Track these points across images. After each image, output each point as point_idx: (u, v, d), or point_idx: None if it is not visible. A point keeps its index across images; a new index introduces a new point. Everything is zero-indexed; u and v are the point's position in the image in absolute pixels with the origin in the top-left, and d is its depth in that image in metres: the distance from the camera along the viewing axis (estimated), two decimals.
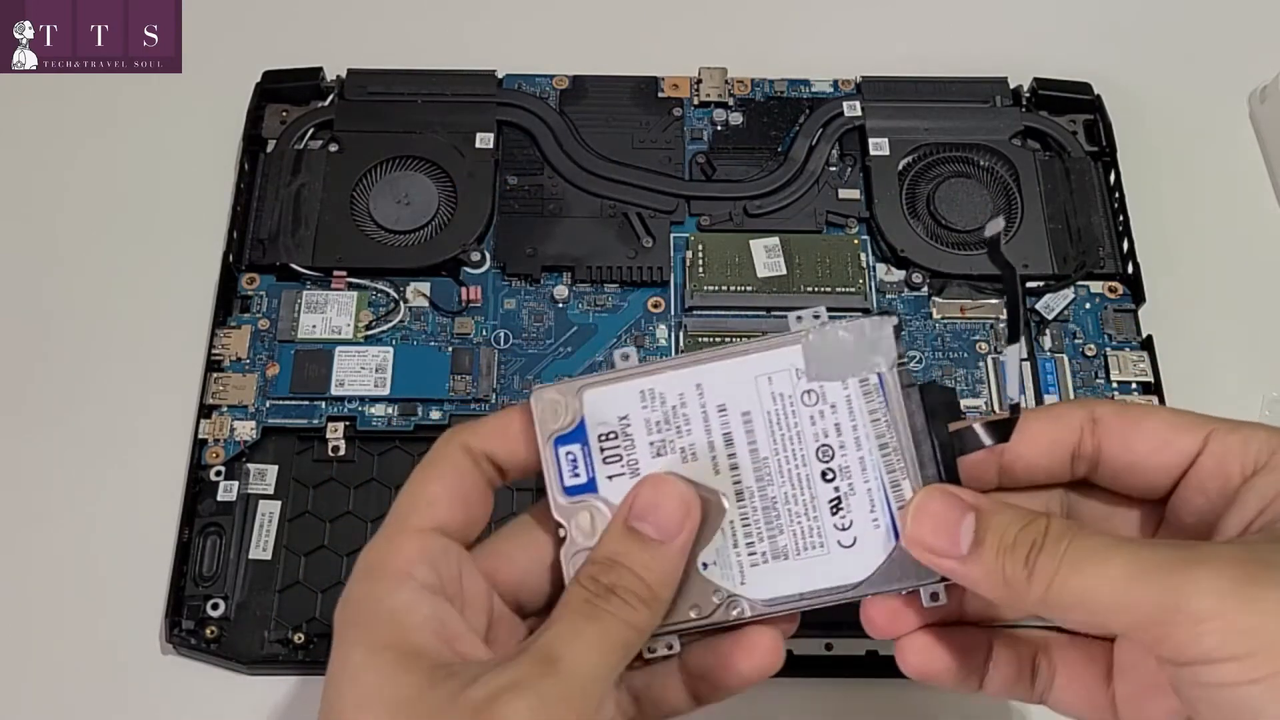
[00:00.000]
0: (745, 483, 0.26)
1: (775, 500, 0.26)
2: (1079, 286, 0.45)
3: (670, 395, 0.27)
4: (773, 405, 0.27)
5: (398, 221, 0.45)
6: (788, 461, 0.27)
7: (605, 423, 0.27)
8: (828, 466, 0.26)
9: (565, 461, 0.27)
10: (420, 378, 0.42)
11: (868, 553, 0.26)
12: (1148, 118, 0.50)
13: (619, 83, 0.49)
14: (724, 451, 0.27)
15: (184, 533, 0.39)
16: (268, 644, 0.38)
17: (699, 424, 0.27)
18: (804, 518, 0.26)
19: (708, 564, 0.26)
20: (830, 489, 0.26)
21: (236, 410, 0.41)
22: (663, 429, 0.27)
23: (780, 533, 0.26)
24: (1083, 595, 0.22)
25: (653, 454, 0.27)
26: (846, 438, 0.27)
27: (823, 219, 0.46)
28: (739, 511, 0.26)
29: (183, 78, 0.51)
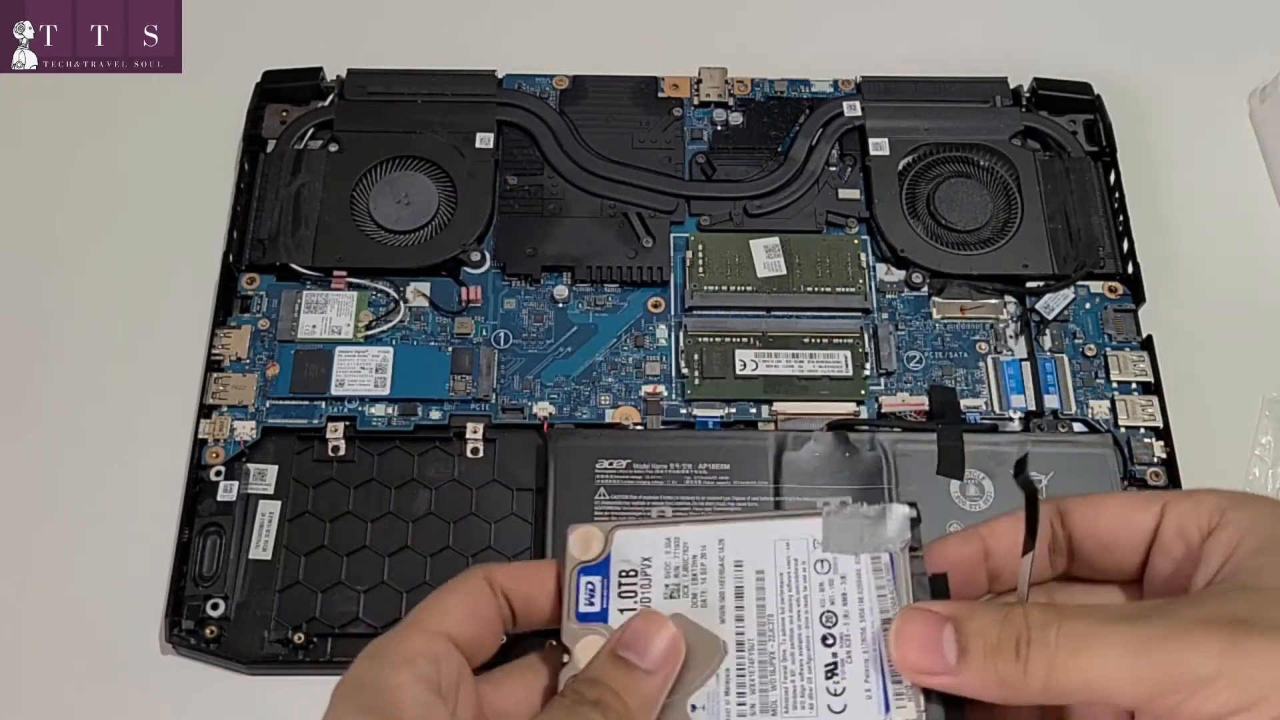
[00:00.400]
0: (748, 635, 0.27)
1: (773, 655, 0.27)
2: (1079, 286, 0.45)
3: (694, 545, 0.29)
4: (786, 568, 0.28)
5: (398, 221, 0.45)
6: (792, 621, 0.27)
7: (628, 560, 0.28)
8: (829, 632, 0.27)
9: (584, 590, 0.28)
10: (420, 378, 0.42)
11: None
12: (1148, 118, 0.50)
13: (619, 83, 0.49)
14: (733, 603, 0.28)
15: (184, 533, 0.39)
16: (268, 644, 0.38)
17: (714, 574, 0.28)
18: (798, 677, 0.27)
19: (697, 706, 0.27)
20: (828, 653, 0.27)
21: (236, 410, 0.41)
22: (680, 574, 0.28)
23: (773, 688, 0.27)
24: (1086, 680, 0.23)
25: (666, 594, 0.28)
26: (851, 608, 0.27)
27: (823, 219, 0.46)
28: (736, 660, 0.27)
29: (183, 78, 0.51)
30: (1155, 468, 0.41)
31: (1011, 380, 0.43)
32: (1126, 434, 0.42)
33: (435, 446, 0.41)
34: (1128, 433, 0.42)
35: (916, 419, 0.42)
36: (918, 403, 0.42)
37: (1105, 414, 0.42)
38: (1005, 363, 0.43)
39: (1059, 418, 0.42)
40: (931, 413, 0.42)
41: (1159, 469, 0.41)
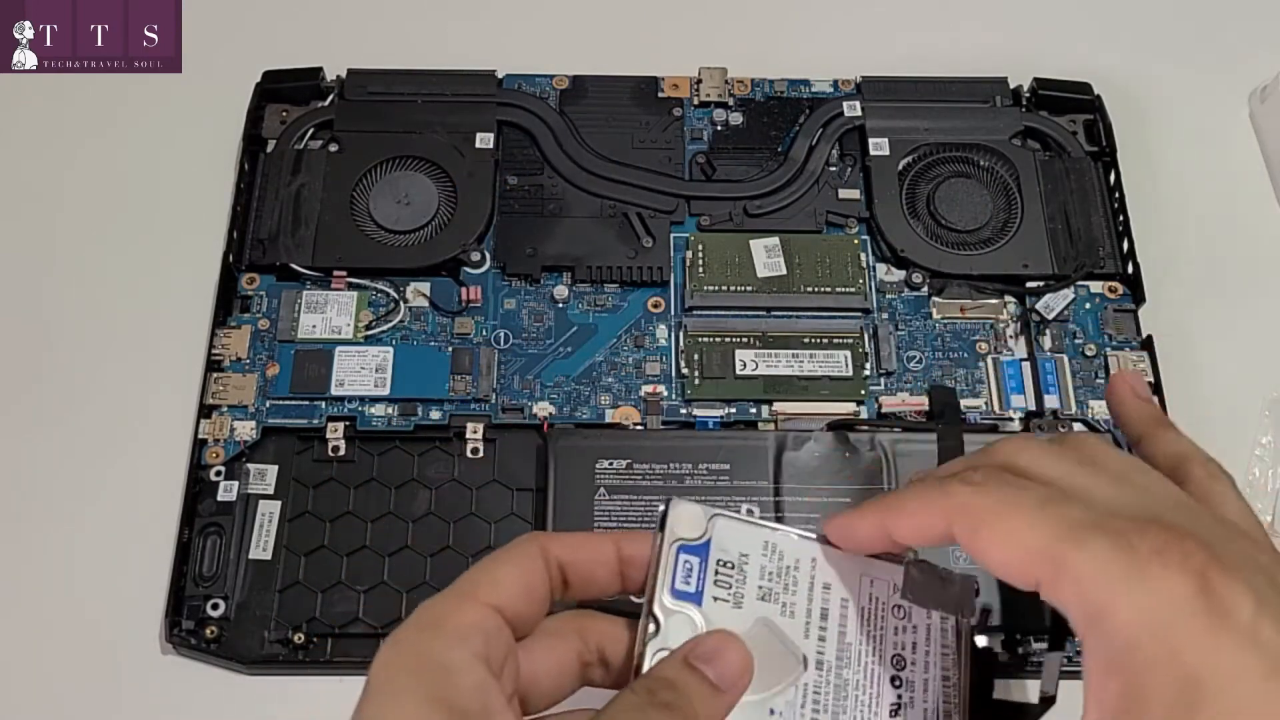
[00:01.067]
0: (827, 656, 0.28)
1: (847, 682, 0.28)
2: (1079, 286, 0.45)
3: (789, 555, 0.29)
4: (868, 603, 0.29)
5: (398, 221, 0.45)
6: (867, 654, 0.28)
7: (727, 551, 0.29)
8: (898, 674, 0.28)
9: (682, 568, 0.28)
10: (420, 378, 0.42)
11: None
12: (1148, 118, 0.50)
13: (619, 83, 0.49)
14: (818, 622, 0.28)
15: (184, 533, 0.39)
16: (268, 644, 0.38)
17: (804, 590, 0.29)
18: (867, 708, 0.28)
19: (775, 711, 0.27)
20: (895, 694, 0.28)
21: (236, 410, 0.41)
22: (773, 580, 0.29)
23: (844, 712, 0.28)
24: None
25: (758, 596, 0.28)
26: (919, 657, 0.29)
27: (823, 219, 0.46)
28: (815, 677, 0.28)
29: (183, 78, 0.51)
30: None
31: (1011, 380, 0.43)
32: None
33: (435, 446, 0.41)
34: None
35: (916, 419, 0.42)
36: (918, 403, 0.42)
37: (1105, 414, 0.42)
38: (1005, 363, 0.43)
39: (1059, 418, 0.42)
40: (931, 413, 0.42)
41: None
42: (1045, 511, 0.24)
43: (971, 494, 0.25)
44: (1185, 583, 0.22)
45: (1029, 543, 0.23)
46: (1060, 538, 0.23)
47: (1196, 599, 0.21)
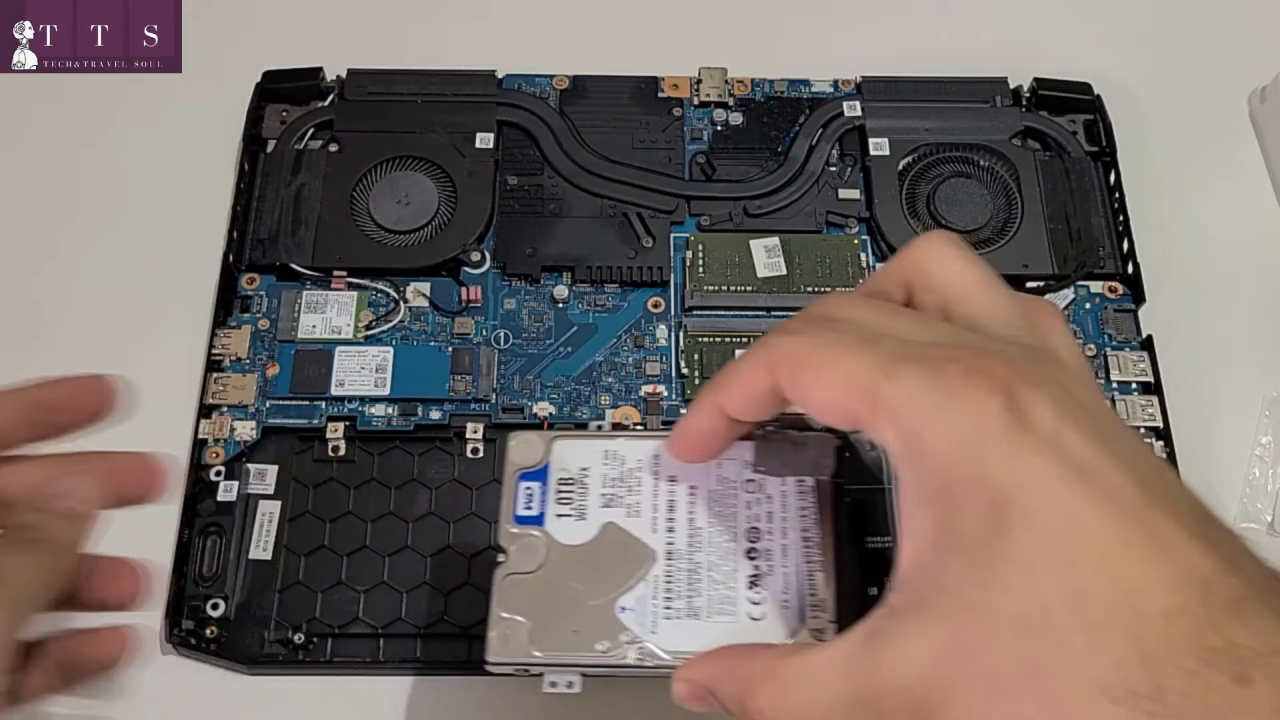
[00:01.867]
0: (677, 545, 0.29)
1: (700, 565, 0.29)
2: (1079, 286, 0.45)
3: (630, 459, 0.30)
4: (717, 485, 0.30)
5: (398, 221, 0.45)
6: (719, 535, 0.29)
7: (567, 469, 0.30)
8: (754, 546, 0.29)
9: (523, 494, 0.30)
10: (420, 378, 0.42)
11: (772, 629, 0.28)
12: (1148, 118, 0.50)
13: (619, 83, 0.49)
14: (665, 514, 0.29)
15: (184, 533, 0.39)
16: (268, 644, 0.38)
17: (649, 487, 0.30)
18: (722, 586, 0.29)
19: (626, 608, 0.28)
20: (751, 566, 0.29)
21: (236, 410, 0.41)
22: (616, 485, 0.30)
23: (698, 595, 0.28)
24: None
25: (602, 503, 0.30)
26: (775, 525, 0.29)
27: (823, 219, 0.46)
28: (665, 568, 0.29)
29: (183, 78, 0.51)
30: None
31: None
32: None
33: (435, 446, 0.41)
34: None
35: None
36: None
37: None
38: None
39: None
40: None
41: None
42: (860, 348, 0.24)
43: (790, 340, 0.25)
44: (991, 400, 0.22)
45: (845, 379, 0.24)
46: (874, 369, 0.23)
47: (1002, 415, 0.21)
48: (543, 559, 0.29)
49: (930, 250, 0.26)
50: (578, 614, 0.28)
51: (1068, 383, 0.23)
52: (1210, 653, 0.20)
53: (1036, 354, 0.24)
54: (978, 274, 0.26)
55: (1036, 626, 0.21)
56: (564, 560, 0.29)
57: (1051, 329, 0.26)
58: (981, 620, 0.21)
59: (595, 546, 0.29)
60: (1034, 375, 0.22)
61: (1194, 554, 0.21)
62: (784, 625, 0.28)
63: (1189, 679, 0.20)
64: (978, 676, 0.21)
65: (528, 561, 0.29)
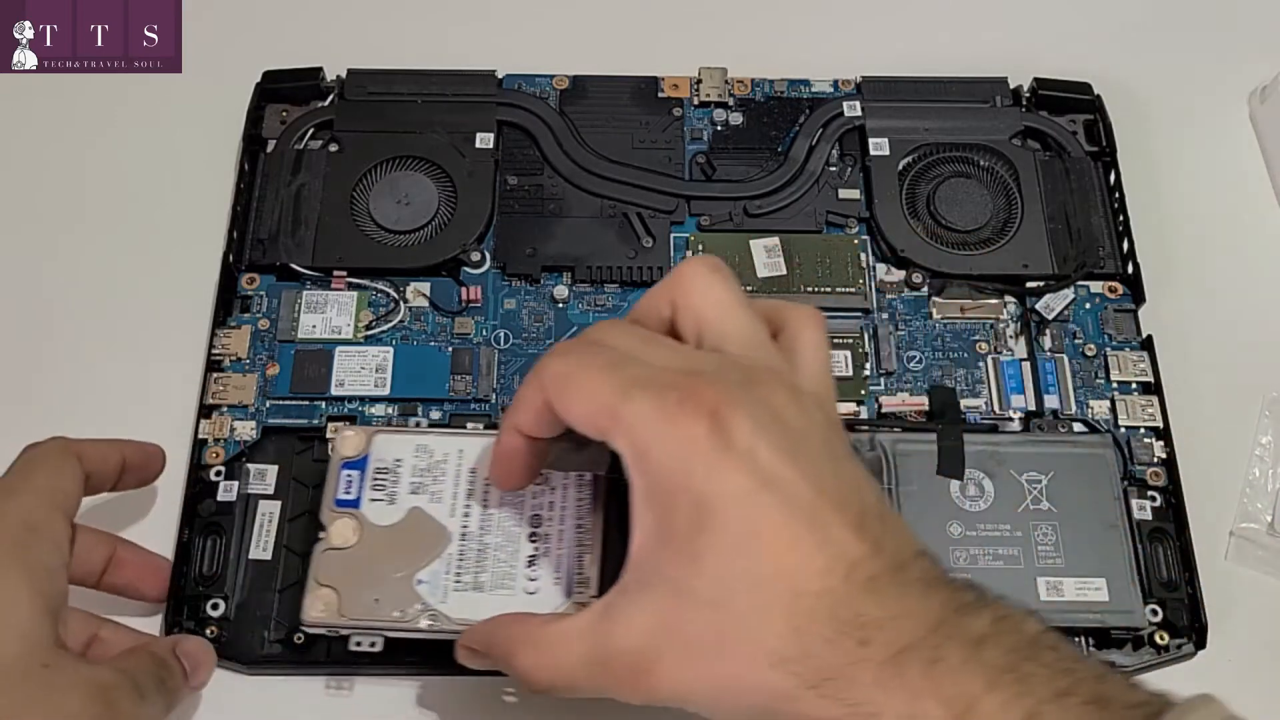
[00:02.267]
0: (471, 528, 0.34)
1: (488, 546, 0.34)
2: (1079, 286, 0.45)
3: (438, 452, 0.36)
4: None
5: (398, 221, 0.45)
6: (506, 521, 0.34)
7: (384, 460, 0.35)
8: (535, 531, 0.34)
9: (344, 482, 0.35)
10: (420, 378, 0.42)
11: (543, 602, 0.33)
12: (1148, 118, 0.50)
13: (619, 83, 0.49)
14: (463, 501, 0.35)
15: (184, 533, 0.39)
16: (268, 644, 0.38)
17: (451, 477, 0.35)
18: (505, 564, 0.34)
19: (423, 580, 0.33)
20: (531, 547, 0.34)
21: (236, 410, 0.41)
22: (423, 475, 0.35)
23: (484, 571, 0.34)
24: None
25: (410, 490, 0.35)
26: (555, 513, 0.34)
27: (823, 219, 0.46)
28: (459, 548, 0.34)
29: (183, 78, 0.51)
30: (1155, 468, 0.41)
31: (1011, 380, 0.43)
32: (1126, 434, 0.42)
33: None
34: (1128, 433, 0.42)
35: (916, 419, 0.42)
36: (918, 403, 0.42)
37: (1105, 414, 0.42)
38: (1005, 363, 0.43)
39: (1059, 418, 0.42)
40: (931, 413, 0.42)
41: (1159, 469, 0.41)
42: (608, 372, 0.28)
43: (554, 362, 0.30)
44: (699, 424, 0.26)
45: (593, 399, 0.28)
46: (614, 391, 0.28)
47: (709, 436, 0.26)
48: (356, 537, 0.34)
49: (689, 276, 0.31)
50: (381, 585, 0.33)
51: (775, 400, 0.28)
52: (843, 623, 0.25)
53: (752, 376, 0.28)
54: (726, 298, 0.30)
55: (723, 606, 0.26)
56: (373, 539, 0.34)
57: (798, 340, 0.31)
58: (684, 600, 0.27)
59: (401, 527, 0.34)
60: (740, 398, 0.27)
61: (847, 544, 0.26)
62: (554, 599, 0.33)
63: (826, 644, 0.25)
64: (680, 645, 0.27)
65: (343, 539, 0.34)
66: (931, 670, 0.25)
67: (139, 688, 0.31)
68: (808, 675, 0.25)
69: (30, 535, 0.31)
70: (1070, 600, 0.38)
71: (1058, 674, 0.25)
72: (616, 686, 0.28)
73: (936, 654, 0.25)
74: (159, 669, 0.33)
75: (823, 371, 0.31)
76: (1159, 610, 0.38)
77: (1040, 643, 0.26)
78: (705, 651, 0.27)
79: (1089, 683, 0.24)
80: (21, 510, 0.32)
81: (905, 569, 0.27)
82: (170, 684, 0.33)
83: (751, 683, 0.26)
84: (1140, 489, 0.41)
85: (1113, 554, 0.38)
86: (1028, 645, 0.25)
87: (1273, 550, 0.41)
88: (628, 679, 0.28)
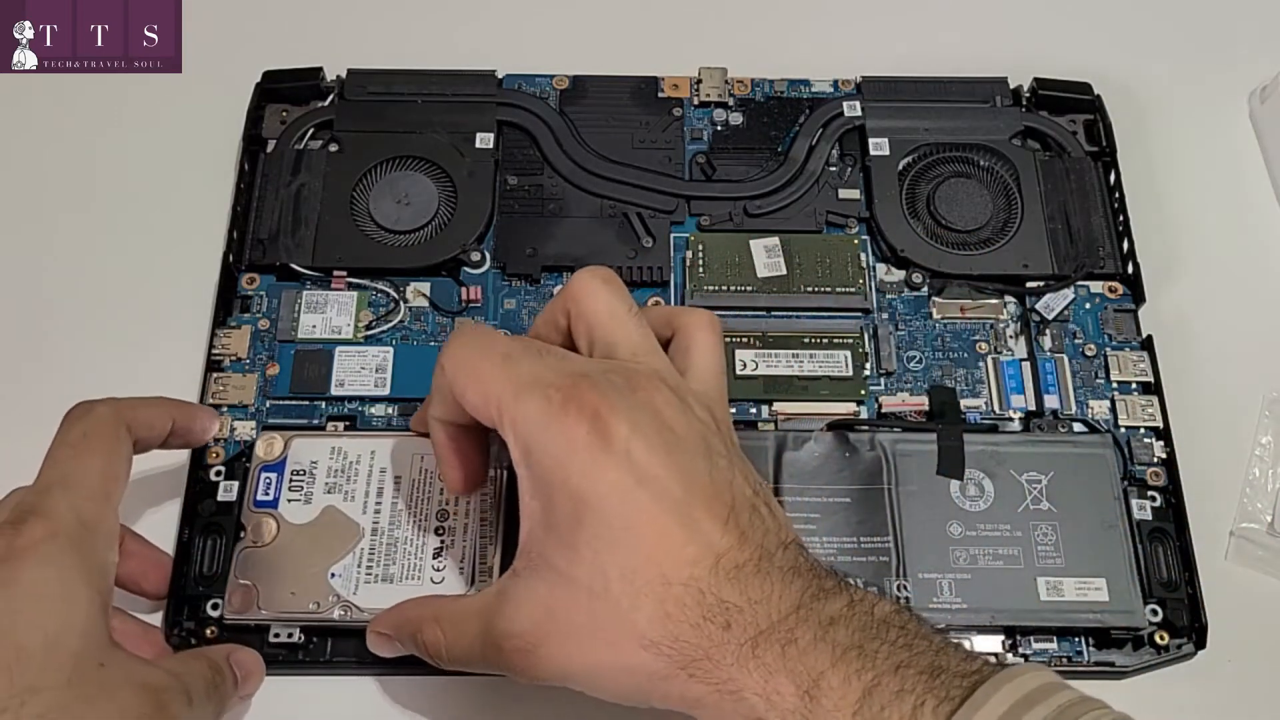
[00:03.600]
0: (381, 524, 0.37)
1: (397, 540, 0.37)
2: (1079, 286, 0.45)
3: (351, 453, 0.38)
4: (419, 475, 0.38)
5: (398, 221, 0.45)
6: (415, 515, 0.37)
7: (300, 462, 0.38)
8: (441, 525, 0.37)
9: (263, 483, 0.38)
10: (420, 378, 0.42)
11: (448, 590, 0.36)
12: (1148, 118, 0.50)
13: (619, 83, 0.49)
14: (374, 499, 0.37)
15: (184, 533, 0.39)
16: (268, 644, 0.38)
17: (364, 476, 0.38)
18: (413, 557, 0.36)
19: (336, 574, 0.36)
20: (438, 540, 0.37)
21: (236, 410, 0.41)
22: (338, 476, 0.38)
23: (394, 563, 0.36)
24: None
25: (325, 490, 0.38)
26: (460, 508, 0.37)
27: (823, 219, 0.46)
28: (370, 543, 0.37)
29: (183, 78, 0.51)
30: (1155, 468, 0.41)
31: (1011, 380, 0.43)
32: (1126, 434, 0.42)
33: None
34: (1128, 433, 0.42)
35: (916, 419, 0.42)
36: (918, 403, 0.42)
37: (1105, 414, 0.42)
38: (1005, 363, 0.43)
39: (1059, 418, 0.42)
40: (931, 413, 0.42)
41: (1159, 469, 0.41)
42: (503, 366, 0.30)
43: (457, 347, 0.32)
44: (580, 424, 0.28)
45: (487, 392, 0.30)
46: (507, 390, 0.30)
47: (589, 436, 0.28)
48: (274, 535, 0.37)
49: (580, 287, 0.33)
50: (297, 580, 0.36)
51: (655, 401, 0.30)
52: (708, 609, 0.27)
53: (634, 380, 0.30)
54: (615, 308, 0.32)
55: (600, 592, 0.28)
56: (290, 536, 0.37)
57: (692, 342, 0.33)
58: (566, 586, 0.29)
59: (316, 525, 0.37)
60: (619, 402, 0.29)
61: (714, 536, 0.28)
62: (458, 588, 0.36)
63: (692, 629, 0.27)
64: (562, 628, 0.29)
65: (261, 537, 0.37)
66: (785, 651, 0.27)
67: (189, 692, 0.32)
68: (677, 658, 0.28)
69: (87, 532, 0.31)
70: (1070, 600, 0.38)
71: (899, 649, 0.27)
72: (507, 665, 0.30)
73: (790, 635, 0.27)
74: (212, 674, 0.33)
75: (714, 373, 0.33)
76: (1159, 610, 0.38)
77: (889, 623, 0.28)
78: (584, 636, 0.29)
79: (927, 655, 0.27)
80: (78, 505, 0.32)
81: (770, 558, 0.28)
82: (221, 691, 0.34)
83: (626, 664, 0.28)
84: (1140, 489, 0.41)
85: (1113, 554, 0.38)
86: (877, 625, 0.27)
87: (1273, 550, 0.41)
88: (516, 659, 0.30)
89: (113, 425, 0.34)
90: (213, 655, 0.34)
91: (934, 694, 0.26)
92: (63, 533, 0.31)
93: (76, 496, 0.32)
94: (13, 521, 0.31)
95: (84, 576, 0.30)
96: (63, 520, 0.31)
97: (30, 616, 0.29)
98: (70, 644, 0.29)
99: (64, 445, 0.33)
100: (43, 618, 0.29)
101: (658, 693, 0.28)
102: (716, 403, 0.32)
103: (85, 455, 0.33)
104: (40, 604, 0.29)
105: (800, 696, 0.26)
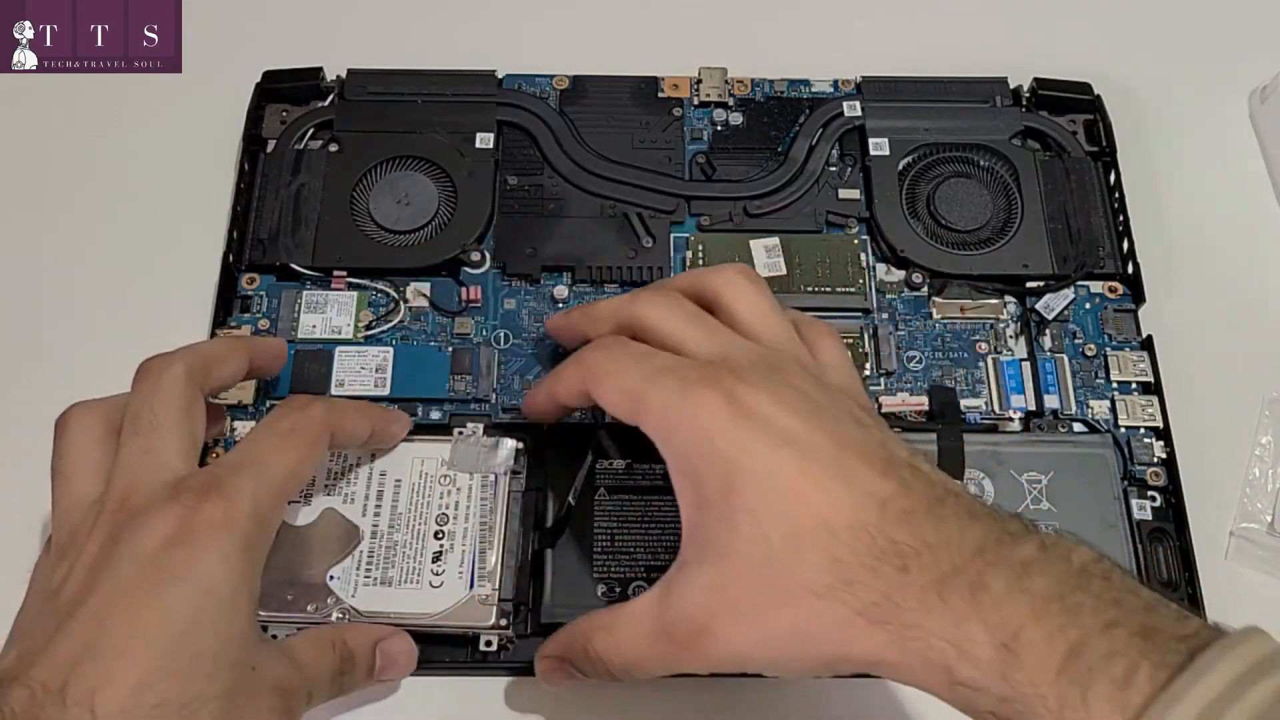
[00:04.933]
0: (381, 527, 0.37)
1: (396, 544, 0.37)
2: (1079, 286, 0.45)
3: (352, 456, 0.38)
4: (418, 480, 0.38)
5: (398, 221, 0.45)
6: (414, 519, 0.37)
7: None
8: (441, 529, 0.37)
9: None
10: (420, 378, 0.42)
11: (447, 596, 0.36)
12: (1148, 118, 0.50)
13: (619, 83, 0.49)
14: (374, 502, 0.37)
15: None
16: None
17: (364, 479, 0.38)
18: (412, 560, 0.36)
19: (334, 576, 0.36)
20: (437, 544, 0.37)
21: (236, 410, 0.41)
22: (338, 478, 0.38)
23: (392, 566, 0.36)
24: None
25: (324, 491, 0.37)
26: (461, 512, 0.37)
27: (823, 219, 0.46)
28: (369, 545, 0.37)
29: (183, 78, 0.51)
30: (1155, 468, 0.41)
31: (1011, 380, 0.43)
32: (1126, 434, 0.42)
33: None
34: (1128, 433, 0.42)
35: (916, 419, 0.42)
36: (918, 403, 0.42)
37: (1105, 414, 0.42)
38: (1005, 363, 0.43)
39: (1059, 418, 0.42)
40: (931, 413, 0.42)
41: (1159, 469, 0.41)
42: (637, 363, 0.31)
43: (598, 354, 0.33)
44: (717, 398, 0.29)
45: (624, 387, 0.31)
46: (643, 381, 0.31)
47: (726, 406, 0.29)
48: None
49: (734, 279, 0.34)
50: (296, 581, 0.36)
51: (797, 381, 0.30)
52: (881, 551, 0.26)
53: (777, 364, 0.31)
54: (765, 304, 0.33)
55: (764, 558, 0.28)
56: (290, 538, 0.36)
57: (818, 344, 0.34)
58: (729, 559, 0.28)
59: (315, 527, 0.37)
60: (757, 379, 0.29)
61: (874, 484, 0.27)
62: (457, 592, 0.36)
63: (867, 572, 0.26)
64: (731, 601, 0.28)
65: None
66: (976, 596, 0.25)
67: (311, 692, 0.31)
68: (853, 601, 0.26)
69: (258, 530, 0.30)
70: None
71: (1106, 604, 0.25)
72: (680, 654, 0.29)
73: (980, 579, 0.25)
74: (340, 667, 0.33)
75: (848, 369, 0.34)
76: None
77: (1089, 571, 0.26)
78: (754, 604, 0.28)
79: (1138, 614, 0.25)
80: (260, 496, 0.30)
81: (941, 503, 0.27)
82: (344, 682, 0.33)
83: (801, 625, 0.27)
84: (1140, 489, 0.41)
85: (1113, 554, 0.37)
86: (1076, 574, 0.26)
87: (1273, 550, 0.41)
88: (689, 644, 0.29)
89: (320, 429, 0.33)
90: (351, 643, 0.34)
91: (1149, 659, 0.23)
92: (239, 526, 0.29)
93: (261, 487, 0.31)
94: (197, 490, 0.29)
95: (249, 584, 0.29)
96: (241, 509, 0.29)
97: (207, 623, 0.28)
98: (233, 653, 0.28)
99: (271, 433, 0.33)
100: (217, 625, 0.28)
101: (839, 654, 0.27)
102: (858, 393, 0.33)
103: (286, 449, 0.32)
104: (218, 609, 0.28)
105: (997, 648, 0.25)
